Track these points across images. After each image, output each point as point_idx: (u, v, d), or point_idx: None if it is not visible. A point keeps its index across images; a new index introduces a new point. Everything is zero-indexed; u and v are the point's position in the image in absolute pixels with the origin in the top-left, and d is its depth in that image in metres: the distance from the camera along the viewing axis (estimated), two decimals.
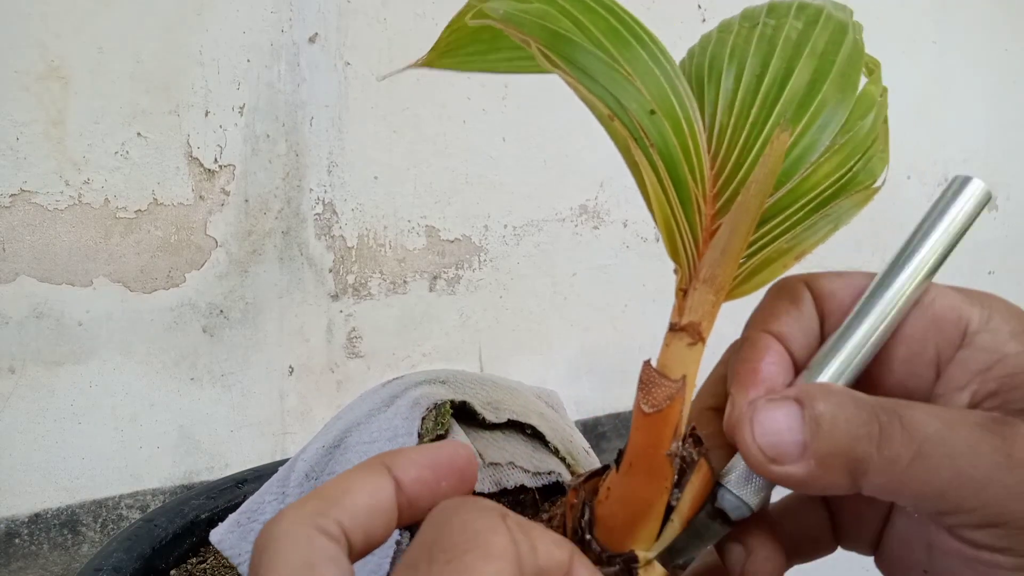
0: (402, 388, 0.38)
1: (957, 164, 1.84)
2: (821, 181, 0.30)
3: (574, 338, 1.36)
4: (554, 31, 0.27)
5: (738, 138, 0.30)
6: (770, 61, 0.31)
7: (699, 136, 0.30)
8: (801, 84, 0.31)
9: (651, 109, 0.28)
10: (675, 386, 0.28)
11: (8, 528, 0.97)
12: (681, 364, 0.28)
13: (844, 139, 0.31)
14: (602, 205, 1.34)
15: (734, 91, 0.31)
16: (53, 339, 0.96)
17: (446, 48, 0.33)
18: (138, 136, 0.97)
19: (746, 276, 0.30)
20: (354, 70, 1.09)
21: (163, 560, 0.40)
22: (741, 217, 0.28)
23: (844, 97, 0.31)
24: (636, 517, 0.28)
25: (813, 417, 0.23)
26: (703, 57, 0.33)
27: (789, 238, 0.30)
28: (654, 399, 0.28)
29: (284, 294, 1.09)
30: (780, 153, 0.29)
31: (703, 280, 0.29)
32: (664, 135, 0.28)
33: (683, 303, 0.29)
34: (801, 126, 0.30)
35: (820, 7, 0.33)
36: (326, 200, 1.10)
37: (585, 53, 0.27)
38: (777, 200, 0.30)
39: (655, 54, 0.29)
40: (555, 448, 0.40)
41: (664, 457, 0.28)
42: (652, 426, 0.28)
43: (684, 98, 0.29)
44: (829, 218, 0.31)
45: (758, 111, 0.30)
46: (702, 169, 0.29)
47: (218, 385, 1.06)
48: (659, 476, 0.28)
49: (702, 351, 0.29)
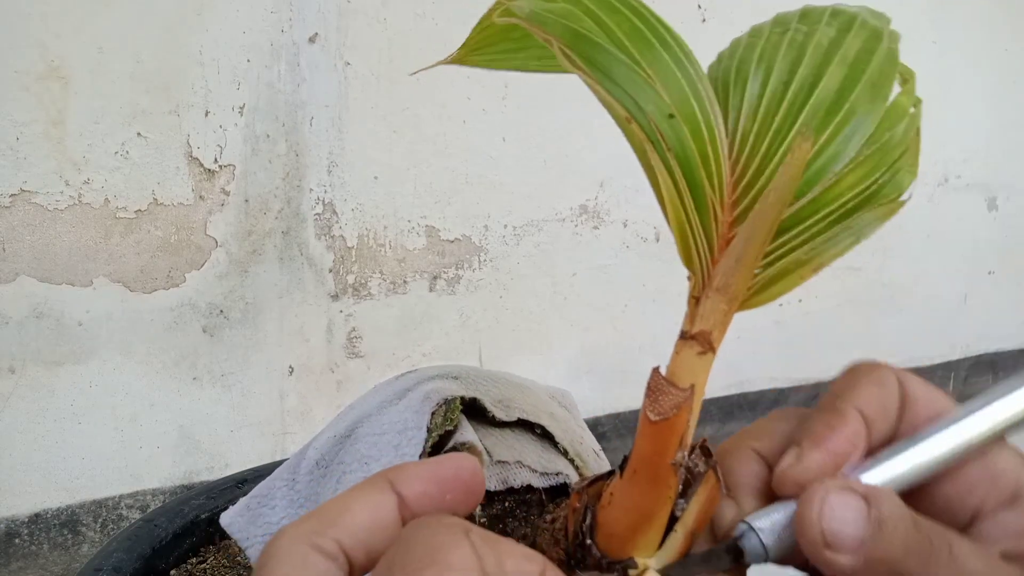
0: (414, 382, 0.38)
1: (957, 164, 1.85)
2: (844, 192, 0.30)
3: (574, 338, 1.36)
4: (576, 31, 0.27)
5: (760, 145, 0.29)
6: (798, 68, 0.30)
7: (719, 142, 0.29)
8: (829, 92, 0.30)
9: (670, 113, 0.27)
10: (683, 395, 0.27)
11: (8, 528, 0.97)
12: (690, 373, 0.28)
13: (871, 150, 0.30)
14: (602, 205, 1.34)
15: (759, 97, 0.30)
16: (53, 339, 0.96)
17: (476, 45, 0.33)
18: (138, 136, 0.97)
19: (761, 286, 0.29)
20: (354, 70, 1.09)
21: (163, 560, 0.40)
22: (758, 226, 0.28)
23: (874, 107, 0.30)
24: (638, 524, 0.28)
25: (878, 519, 0.24)
26: (731, 61, 0.32)
27: (808, 249, 0.29)
28: (661, 407, 0.27)
29: (284, 294, 1.09)
30: (801, 162, 0.28)
31: (716, 288, 0.28)
32: (682, 139, 0.27)
33: (695, 311, 0.28)
34: (826, 135, 0.29)
35: (855, 14, 0.32)
36: (326, 200, 1.10)
37: (606, 54, 0.27)
38: (797, 210, 0.29)
39: (678, 57, 0.29)
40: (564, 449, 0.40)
41: (669, 466, 0.27)
42: (658, 434, 0.27)
43: (706, 102, 0.29)
44: (851, 231, 0.29)
45: (783, 118, 0.30)
46: (721, 175, 0.29)
47: (218, 385, 1.07)
48: (663, 485, 0.28)
49: (712, 361, 0.28)
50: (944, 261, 1.88)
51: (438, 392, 0.36)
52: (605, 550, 0.29)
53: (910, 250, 1.81)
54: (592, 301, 1.36)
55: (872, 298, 1.77)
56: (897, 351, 1.85)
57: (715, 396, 1.55)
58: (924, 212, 1.81)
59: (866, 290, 1.76)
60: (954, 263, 1.91)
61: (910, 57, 0.33)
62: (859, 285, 1.74)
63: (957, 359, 1.97)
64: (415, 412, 0.35)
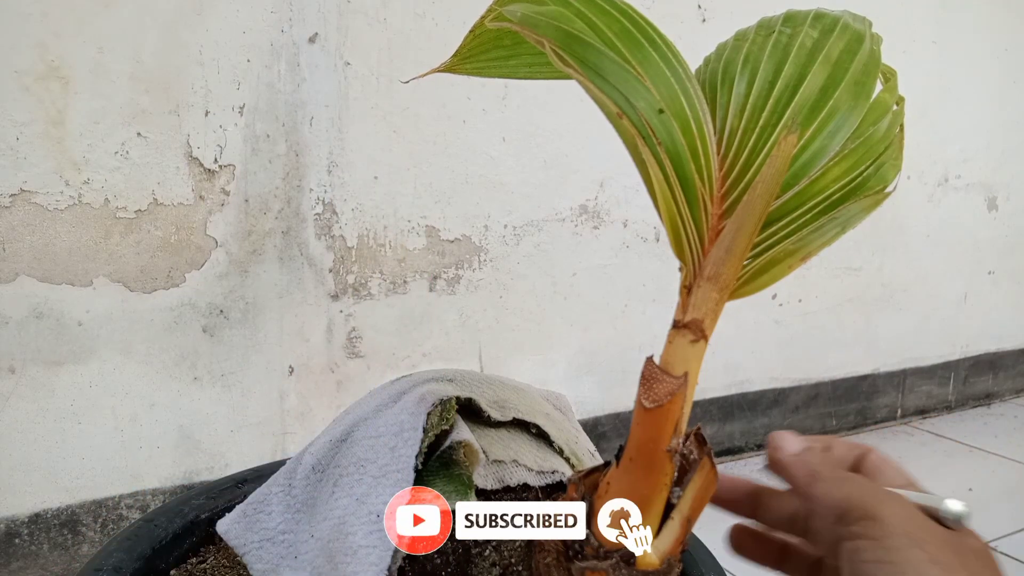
0: (410, 385, 0.38)
1: (957, 164, 1.85)
2: (830, 185, 0.31)
3: (574, 338, 1.36)
4: (568, 32, 0.28)
5: (748, 140, 0.31)
6: (783, 67, 0.32)
7: (708, 137, 0.30)
8: (813, 90, 0.31)
9: (660, 108, 0.28)
10: (676, 383, 0.28)
11: (8, 528, 0.97)
12: (683, 361, 0.29)
13: (855, 145, 0.31)
14: (602, 205, 1.34)
15: (746, 95, 0.31)
16: (53, 339, 0.96)
17: (468, 53, 0.34)
18: (138, 136, 0.97)
19: (751, 275, 0.30)
20: (354, 70, 1.09)
21: (163, 560, 0.40)
22: (746, 217, 0.29)
23: (857, 104, 0.31)
24: None
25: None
26: (718, 63, 0.33)
27: (796, 240, 0.30)
28: (655, 394, 0.28)
29: (284, 294, 1.09)
30: (787, 155, 0.29)
31: (707, 278, 0.29)
32: (672, 134, 0.28)
33: (687, 300, 0.29)
34: (811, 131, 0.31)
35: (837, 17, 0.33)
36: (326, 200, 1.10)
37: (597, 53, 0.28)
38: (785, 202, 0.30)
39: (667, 56, 0.30)
40: (560, 448, 0.40)
41: (664, 453, 0.28)
42: (652, 421, 0.28)
43: (695, 99, 0.30)
44: (837, 221, 0.31)
45: (768, 115, 0.31)
46: (710, 169, 0.29)
47: (218, 385, 1.06)
48: (658, 471, 0.28)
49: (704, 348, 0.29)
50: (944, 261, 1.88)
51: (433, 394, 0.36)
52: (602, 539, 0.29)
53: (910, 250, 1.81)
54: (592, 301, 1.36)
55: (872, 298, 1.77)
56: (897, 351, 1.85)
57: (715, 396, 1.55)
58: (924, 212, 1.81)
59: (866, 290, 1.76)
60: (954, 263, 1.91)
61: (910, 58, 0.34)
62: (859, 285, 1.74)
63: (957, 359, 1.97)
64: (411, 414, 0.35)
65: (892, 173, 0.32)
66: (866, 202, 0.31)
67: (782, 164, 0.29)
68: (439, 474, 0.33)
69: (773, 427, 1.65)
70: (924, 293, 1.86)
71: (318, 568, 0.33)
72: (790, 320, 1.62)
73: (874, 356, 1.81)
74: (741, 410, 1.59)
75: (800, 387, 1.68)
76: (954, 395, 1.99)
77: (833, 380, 1.74)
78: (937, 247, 1.85)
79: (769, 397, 1.63)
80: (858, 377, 1.79)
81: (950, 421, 1.92)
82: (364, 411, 0.38)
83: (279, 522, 0.37)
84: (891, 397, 1.87)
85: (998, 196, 1.95)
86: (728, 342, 1.52)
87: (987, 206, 1.94)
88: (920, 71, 1.68)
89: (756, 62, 0.32)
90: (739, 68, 0.32)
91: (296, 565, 0.34)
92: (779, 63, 0.32)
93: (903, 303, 1.83)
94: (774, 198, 0.30)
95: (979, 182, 1.90)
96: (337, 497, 0.34)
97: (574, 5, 0.29)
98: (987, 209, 1.94)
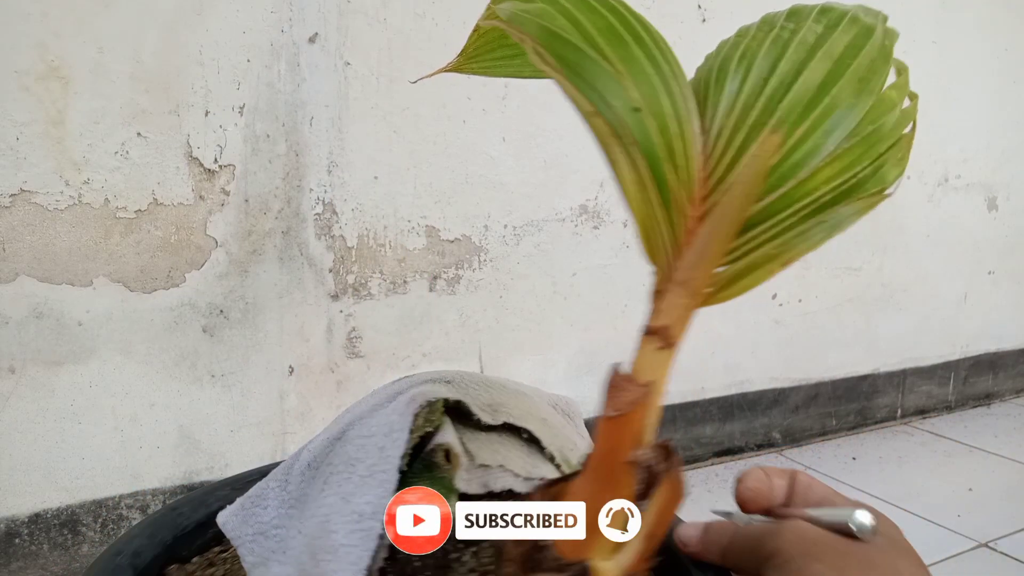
0: (406, 386, 0.38)
1: (957, 164, 1.85)
2: (819, 186, 0.29)
3: (574, 338, 1.36)
4: (549, 29, 0.27)
5: (734, 140, 0.29)
6: (779, 64, 0.30)
7: (692, 136, 0.28)
8: (810, 87, 0.29)
9: (635, 106, 0.27)
10: (640, 391, 0.27)
11: (8, 528, 0.97)
12: (650, 369, 0.27)
13: (851, 143, 0.29)
14: (602, 205, 1.34)
15: (737, 94, 0.30)
16: (53, 339, 0.96)
17: (473, 52, 0.33)
18: (138, 136, 0.97)
19: (728, 281, 0.29)
20: (354, 70, 1.09)
21: (185, 547, 0.40)
22: (721, 220, 0.27)
23: (858, 101, 0.29)
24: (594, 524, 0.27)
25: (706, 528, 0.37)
26: (715, 61, 0.32)
27: (778, 244, 0.28)
28: (617, 403, 0.27)
29: (284, 294, 1.09)
30: (767, 155, 0.27)
31: (678, 283, 0.28)
32: (647, 133, 0.27)
33: (657, 305, 0.28)
34: (803, 129, 0.29)
35: (845, 11, 0.31)
36: (326, 200, 1.10)
37: (576, 51, 0.27)
38: (769, 204, 0.28)
39: (652, 53, 0.28)
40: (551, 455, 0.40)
41: (624, 464, 0.27)
42: (614, 430, 0.27)
43: (679, 98, 0.28)
44: (825, 224, 0.29)
45: (759, 114, 0.29)
46: (690, 170, 0.28)
47: (218, 385, 1.06)
48: (617, 484, 0.27)
49: (672, 356, 0.27)
50: (944, 261, 1.88)
51: (424, 395, 0.36)
52: (563, 552, 0.28)
53: (910, 250, 1.81)
54: (592, 301, 1.36)
55: (872, 298, 1.77)
56: (897, 351, 1.85)
57: (715, 396, 1.55)
58: (924, 212, 1.81)
59: (866, 290, 1.76)
60: (954, 263, 1.91)
61: (910, 58, 0.33)
62: (859, 285, 1.74)
63: (957, 359, 1.97)
64: (400, 415, 0.35)
65: (893, 174, 0.30)
66: (861, 204, 0.29)
67: (761, 165, 0.27)
68: (422, 476, 0.33)
69: (773, 427, 1.65)
70: (924, 293, 1.86)
71: (302, 564, 0.32)
72: (790, 320, 1.62)
73: (874, 356, 1.81)
74: (741, 410, 1.59)
75: (800, 387, 1.68)
76: (954, 395, 1.99)
77: (833, 380, 1.74)
78: (937, 247, 1.85)
79: (769, 397, 1.63)
80: (858, 377, 1.79)
81: (950, 421, 1.92)
82: (361, 411, 0.38)
83: (273, 516, 0.37)
84: (891, 397, 1.87)
85: (998, 196, 1.95)
86: (728, 342, 1.52)
87: (987, 206, 1.94)
88: (920, 71, 1.67)
89: (751, 59, 0.30)
90: (734, 65, 0.30)
91: (284, 560, 0.34)
92: (775, 59, 0.30)
93: (903, 303, 1.83)
94: (754, 200, 0.28)
95: (979, 182, 1.90)
96: (326, 495, 0.34)
97: (560, 3, 0.28)
98: (987, 209, 1.94)
